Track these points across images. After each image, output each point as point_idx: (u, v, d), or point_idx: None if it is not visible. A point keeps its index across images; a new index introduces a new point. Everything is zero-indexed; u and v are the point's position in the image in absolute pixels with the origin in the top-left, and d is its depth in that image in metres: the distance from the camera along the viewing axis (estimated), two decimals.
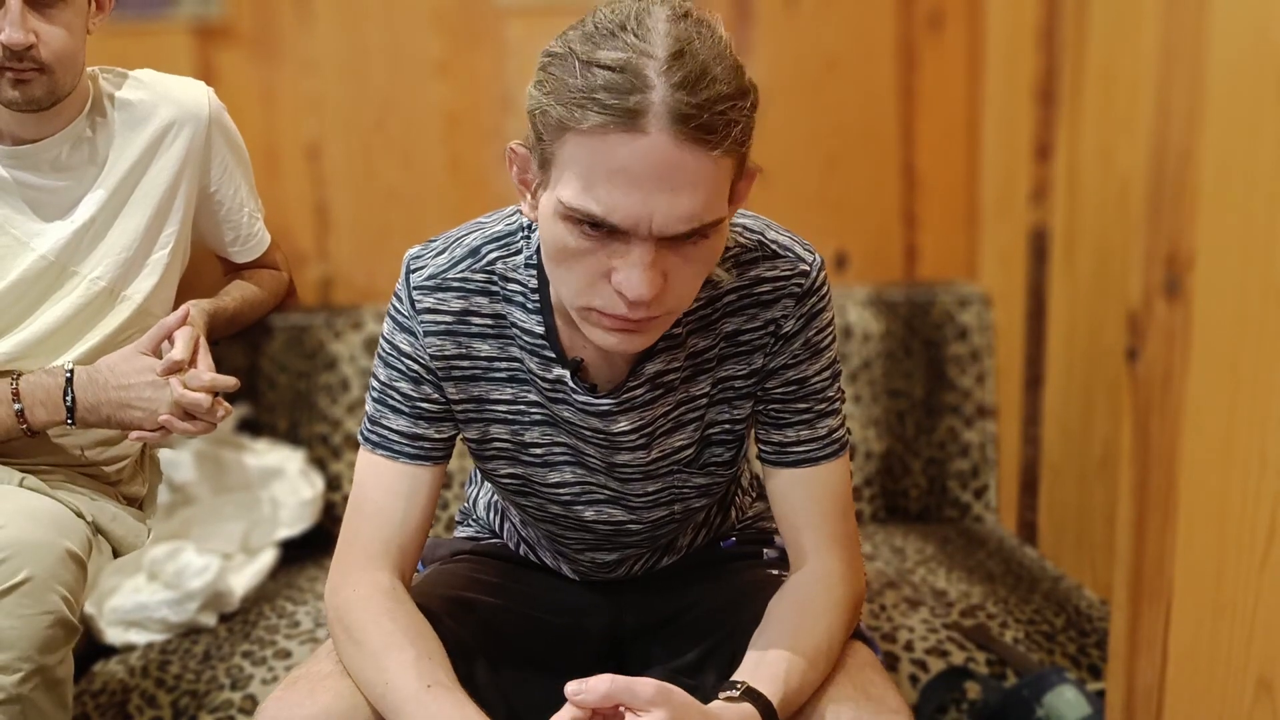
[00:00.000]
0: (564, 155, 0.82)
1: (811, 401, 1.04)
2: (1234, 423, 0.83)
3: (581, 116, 0.79)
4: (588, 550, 1.16)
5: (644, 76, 0.78)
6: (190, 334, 1.32)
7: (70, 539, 1.19)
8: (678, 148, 0.79)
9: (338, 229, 1.86)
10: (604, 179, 0.80)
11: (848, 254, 1.91)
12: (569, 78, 0.81)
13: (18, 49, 1.22)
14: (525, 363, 1.02)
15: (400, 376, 1.03)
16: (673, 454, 1.06)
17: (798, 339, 1.02)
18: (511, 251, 1.01)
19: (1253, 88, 0.79)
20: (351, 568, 1.02)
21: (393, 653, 0.94)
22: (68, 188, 1.34)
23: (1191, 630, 0.89)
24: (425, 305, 1.00)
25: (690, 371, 1.03)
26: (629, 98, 0.78)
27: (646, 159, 0.79)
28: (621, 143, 0.79)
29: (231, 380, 1.32)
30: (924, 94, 1.87)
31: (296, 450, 1.74)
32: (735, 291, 1.01)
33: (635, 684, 0.84)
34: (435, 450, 1.05)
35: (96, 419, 1.29)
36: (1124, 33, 1.48)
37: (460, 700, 0.91)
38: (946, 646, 1.38)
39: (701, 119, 0.79)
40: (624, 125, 0.79)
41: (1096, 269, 1.57)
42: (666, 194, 0.80)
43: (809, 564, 1.04)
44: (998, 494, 1.85)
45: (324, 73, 1.81)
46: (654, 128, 0.79)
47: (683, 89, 0.78)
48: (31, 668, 1.12)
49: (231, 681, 1.35)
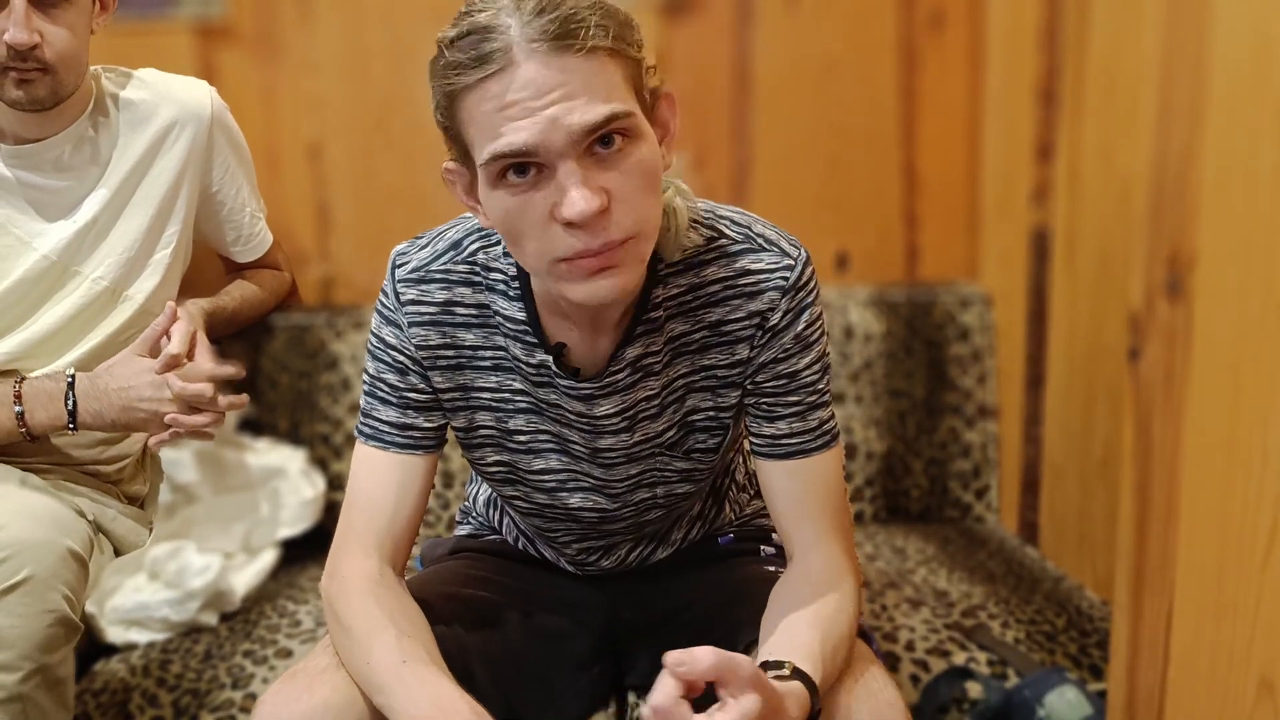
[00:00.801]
0: (465, 123, 0.87)
1: (803, 394, 1.04)
2: (1235, 423, 0.83)
3: (460, 79, 0.85)
4: (575, 541, 1.17)
5: (496, 24, 0.84)
6: (186, 328, 1.32)
7: (72, 538, 1.19)
8: (546, 66, 0.83)
9: (339, 229, 1.86)
10: (500, 120, 0.84)
11: (849, 254, 1.91)
12: (441, 61, 0.87)
13: (22, 49, 1.22)
14: (510, 350, 1.03)
15: (387, 368, 1.05)
16: (655, 437, 1.07)
17: (787, 333, 1.02)
18: (492, 242, 1.03)
19: (1254, 88, 0.79)
20: (343, 557, 1.04)
21: (375, 634, 0.96)
22: (70, 187, 1.34)
23: (1193, 630, 0.90)
24: (409, 297, 1.03)
25: (670, 356, 1.04)
26: (487, 43, 0.84)
27: (525, 85, 0.83)
28: (499, 82, 0.84)
29: (232, 368, 1.32)
30: (925, 94, 1.87)
31: (298, 450, 1.74)
32: (720, 281, 1.02)
33: (737, 661, 0.81)
34: (426, 439, 1.06)
35: (101, 424, 1.29)
36: (1125, 33, 1.48)
37: (434, 674, 0.92)
38: (948, 647, 1.38)
39: (556, 29, 0.83)
40: (495, 67, 0.84)
41: (1098, 269, 1.57)
42: (557, 108, 0.83)
43: (814, 554, 1.04)
44: (999, 494, 1.85)
45: (325, 73, 1.81)
46: (521, 56, 0.83)
47: (535, 15, 0.83)
48: (33, 667, 1.12)
49: (233, 681, 1.35)
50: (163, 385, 1.28)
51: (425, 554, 1.33)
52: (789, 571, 1.05)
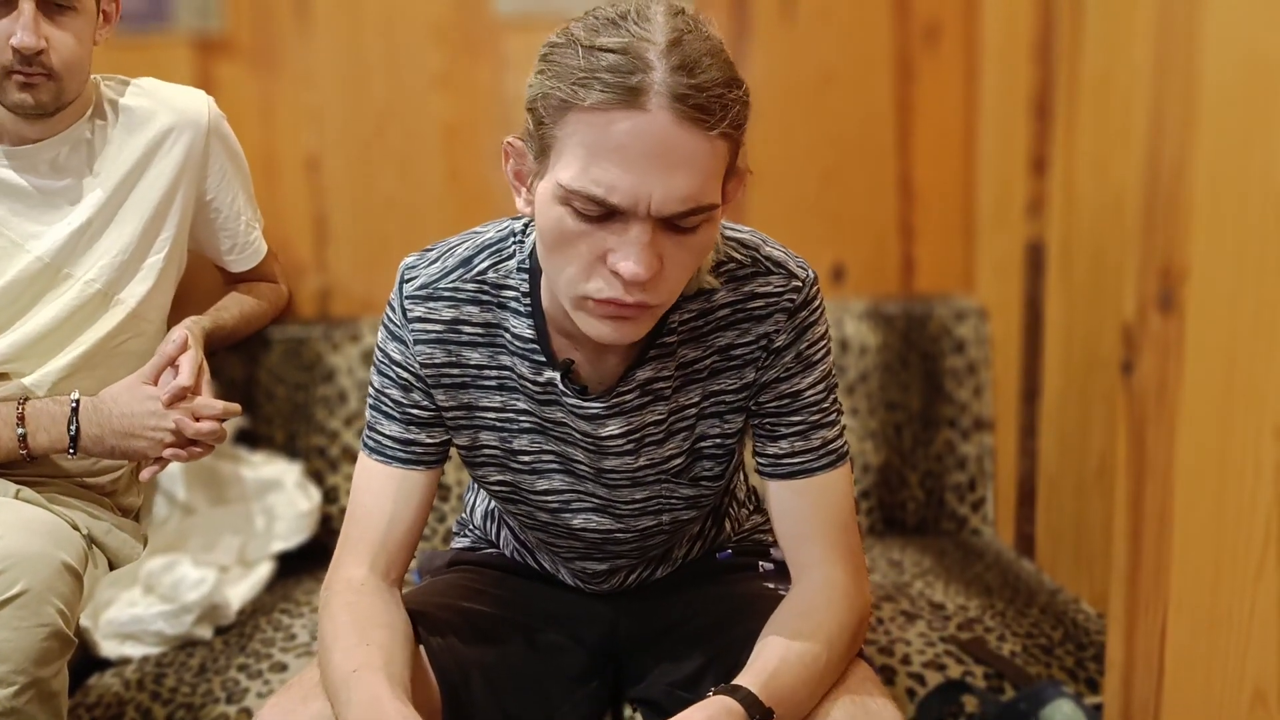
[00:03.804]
0: (565, 135, 0.85)
1: (805, 414, 1.04)
2: (1228, 434, 0.83)
3: (585, 94, 0.82)
4: (578, 559, 1.16)
5: (645, 59, 0.82)
6: (195, 360, 1.33)
7: (66, 551, 1.19)
8: (676, 125, 0.82)
9: (336, 240, 1.86)
10: (604, 156, 0.83)
11: (844, 266, 1.91)
12: (571, 61, 0.84)
13: (29, 53, 1.23)
14: (515, 369, 1.03)
15: (391, 383, 1.05)
16: (661, 463, 1.07)
17: (788, 352, 1.03)
18: (504, 257, 1.02)
19: (1245, 101, 0.80)
20: (336, 567, 1.05)
21: (338, 641, 0.96)
22: (65, 189, 1.34)
23: (1188, 642, 0.90)
24: (416, 314, 1.02)
25: (680, 381, 1.04)
26: (630, 76, 0.82)
27: (646, 136, 0.82)
28: (622, 119, 0.82)
29: (237, 407, 1.36)
30: (920, 107, 1.88)
31: (294, 462, 1.74)
32: (729, 306, 1.02)
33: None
34: (428, 455, 1.06)
35: (101, 449, 1.30)
36: (1118, 46, 1.48)
37: (376, 682, 0.90)
38: (944, 660, 1.38)
39: (699, 99, 0.82)
40: (625, 102, 0.82)
41: (1092, 282, 1.57)
42: (664, 172, 0.83)
43: (810, 574, 1.04)
44: (995, 507, 1.85)
45: (323, 85, 1.82)
46: (654, 105, 0.82)
47: (681, 71, 0.82)
48: (26, 680, 1.12)
49: (227, 695, 1.35)
50: (166, 416, 1.29)
51: (422, 566, 1.33)
52: (786, 600, 1.05)
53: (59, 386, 1.33)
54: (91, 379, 1.35)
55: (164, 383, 1.32)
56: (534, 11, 1.81)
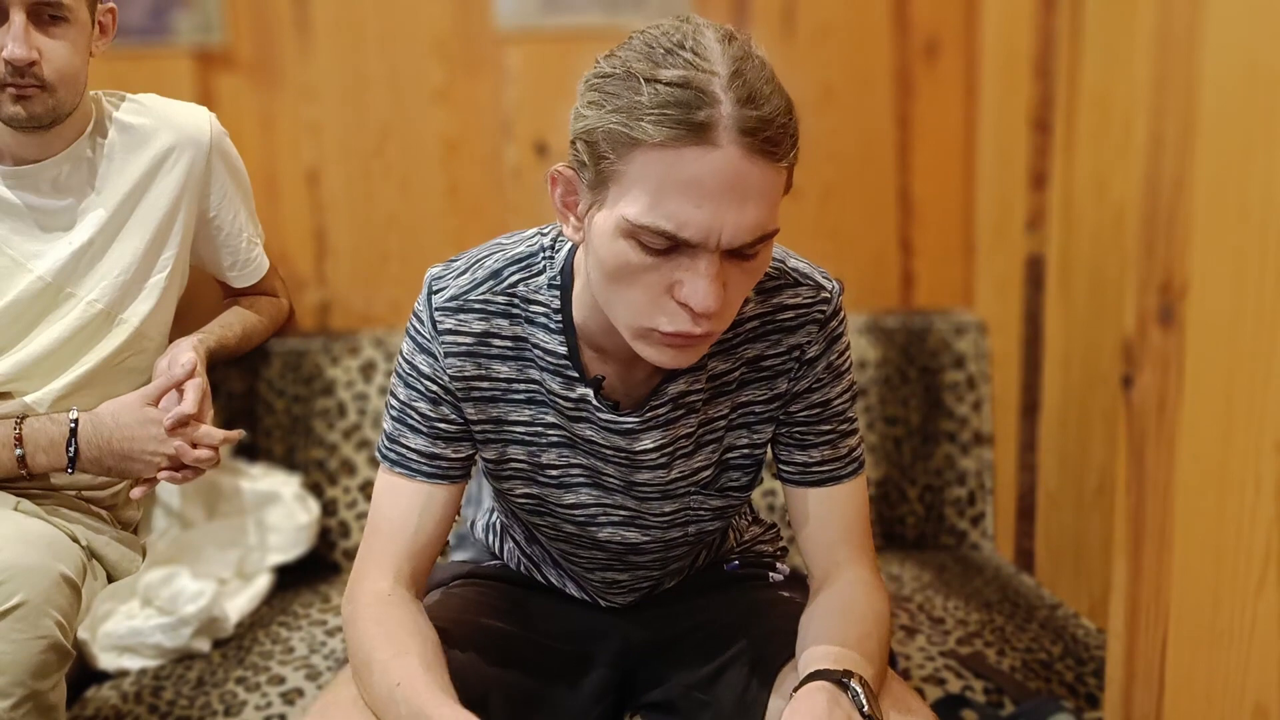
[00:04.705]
0: (630, 171, 0.83)
1: (834, 423, 1.07)
2: (1228, 449, 0.83)
3: (654, 131, 0.81)
4: (598, 569, 1.16)
5: (710, 92, 0.81)
6: (200, 388, 1.33)
7: (64, 564, 1.19)
8: (747, 160, 0.81)
9: (336, 254, 1.86)
10: (676, 192, 0.82)
11: (844, 281, 1.91)
12: (634, 95, 0.82)
13: (20, 64, 1.23)
14: (545, 384, 1.03)
15: (419, 396, 1.04)
16: (691, 475, 1.07)
17: (820, 362, 1.05)
18: (534, 273, 1.02)
19: (1244, 116, 0.80)
20: (359, 580, 1.04)
21: (375, 655, 0.95)
22: (67, 208, 1.34)
23: (1188, 657, 0.89)
24: (447, 326, 1.02)
25: (711, 394, 1.04)
26: (699, 112, 0.80)
27: (719, 172, 0.81)
28: (694, 156, 0.81)
29: (239, 434, 1.37)
30: (920, 122, 1.88)
31: (292, 475, 1.74)
32: (758, 318, 1.03)
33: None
34: (453, 469, 1.06)
35: (98, 469, 1.30)
36: (1117, 62, 1.49)
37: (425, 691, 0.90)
38: (943, 674, 1.37)
39: (768, 132, 0.82)
40: (695, 139, 0.81)
41: (1092, 297, 1.58)
42: (735, 206, 0.82)
43: (842, 573, 1.06)
44: (994, 521, 1.85)
45: (324, 99, 1.82)
46: (725, 141, 0.81)
47: (748, 104, 0.81)
48: (24, 693, 1.11)
49: (225, 708, 1.34)
50: (167, 442, 1.29)
51: None
52: (821, 595, 1.05)
53: (60, 404, 1.33)
54: (92, 396, 1.35)
55: (166, 403, 1.32)
56: (534, 26, 1.81)
